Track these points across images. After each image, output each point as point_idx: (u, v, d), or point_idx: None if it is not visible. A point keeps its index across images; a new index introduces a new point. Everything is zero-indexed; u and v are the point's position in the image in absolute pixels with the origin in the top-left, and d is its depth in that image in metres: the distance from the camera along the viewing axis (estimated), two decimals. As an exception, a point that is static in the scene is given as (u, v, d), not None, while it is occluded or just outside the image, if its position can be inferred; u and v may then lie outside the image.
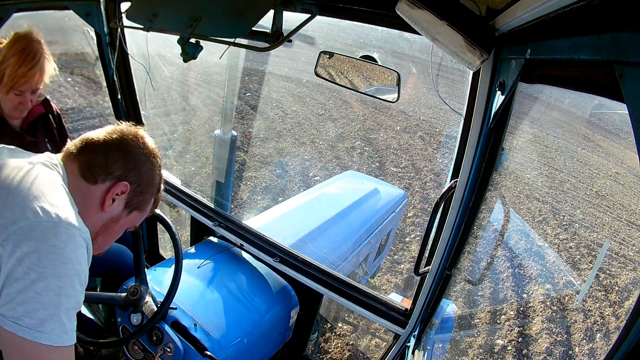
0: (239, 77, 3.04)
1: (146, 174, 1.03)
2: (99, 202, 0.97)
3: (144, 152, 1.03)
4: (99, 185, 0.96)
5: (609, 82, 0.57)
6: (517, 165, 7.07)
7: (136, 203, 1.04)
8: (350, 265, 3.05)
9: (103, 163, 0.96)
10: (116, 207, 1.00)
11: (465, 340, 3.68)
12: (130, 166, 1.00)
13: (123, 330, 1.77)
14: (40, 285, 0.76)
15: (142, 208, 1.07)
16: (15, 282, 0.76)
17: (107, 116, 6.24)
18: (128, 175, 0.99)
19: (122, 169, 0.98)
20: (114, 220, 1.02)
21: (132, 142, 1.01)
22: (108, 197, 0.97)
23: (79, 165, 0.96)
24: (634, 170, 7.37)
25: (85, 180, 0.96)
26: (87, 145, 0.98)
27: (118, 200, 0.99)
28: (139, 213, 1.07)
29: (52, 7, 1.99)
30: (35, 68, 1.55)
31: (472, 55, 1.06)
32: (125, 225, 1.07)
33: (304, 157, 7.35)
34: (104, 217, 0.99)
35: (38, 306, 0.76)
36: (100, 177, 0.96)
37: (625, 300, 4.26)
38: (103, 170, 0.96)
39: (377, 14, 1.35)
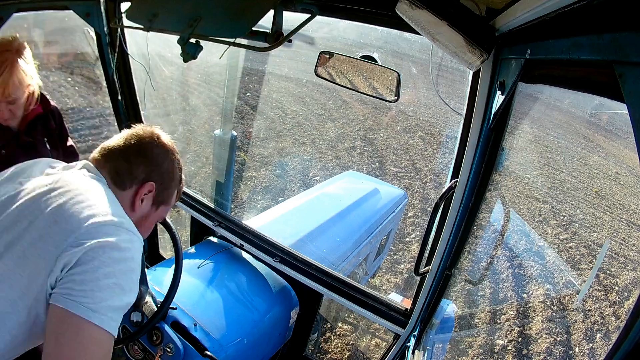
0: (238, 77, 3.04)
1: (167, 170, 1.11)
2: (129, 205, 1.05)
3: (163, 151, 1.10)
4: (128, 190, 1.05)
5: (609, 82, 0.57)
6: (517, 165, 7.07)
7: (162, 198, 1.12)
8: (350, 265, 3.05)
9: (127, 169, 1.04)
10: (145, 205, 1.09)
11: (465, 340, 3.67)
12: (153, 167, 1.07)
13: (123, 330, 1.77)
14: (101, 271, 0.82)
15: (168, 201, 1.15)
16: (78, 266, 0.82)
17: (107, 116, 6.24)
18: (152, 175, 1.07)
19: (145, 172, 1.06)
20: (144, 218, 1.11)
21: (150, 143, 1.08)
22: (137, 199, 1.06)
23: (108, 172, 1.04)
24: (634, 170, 7.37)
25: (116, 187, 1.04)
26: (110, 153, 1.06)
27: (146, 199, 1.08)
28: (166, 206, 1.16)
29: (52, 7, 1.99)
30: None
31: (472, 55, 1.06)
32: (155, 220, 1.15)
33: (304, 157, 7.35)
34: (135, 216, 1.07)
35: (95, 288, 0.81)
36: (128, 183, 1.05)
37: (625, 300, 4.26)
38: (129, 176, 1.04)
39: (377, 14, 1.35)
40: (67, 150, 1.92)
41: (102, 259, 0.83)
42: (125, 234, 0.89)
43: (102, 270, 0.82)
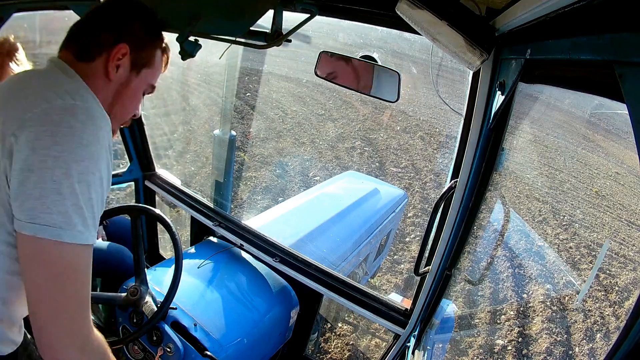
0: (237, 77, 3.04)
1: (138, 27, 0.97)
2: (103, 75, 0.93)
3: (131, 8, 0.98)
4: (98, 60, 0.92)
5: (609, 82, 0.57)
6: (517, 165, 7.07)
7: (142, 60, 0.99)
8: (350, 265, 3.05)
9: (92, 38, 0.93)
10: (122, 72, 0.96)
11: (465, 340, 3.68)
12: (121, 27, 0.95)
13: (123, 330, 1.77)
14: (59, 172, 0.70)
15: (151, 63, 1.02)
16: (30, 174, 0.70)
17: (107, 116, 6.23)
18: (121, 36, 0.94)
19: (114, 34, 0.93)
20: (124, 86, 0.97)
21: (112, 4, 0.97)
22: (110, 66, 0.93)
23: (73, 51, 0.93)
24: (634, 170, 7.37)
25: (84, 61, 0.92)
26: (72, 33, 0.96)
27: (122, 65, 0.95)
28: (150, 69, 1.02)
29: (52, 7, 1.99)
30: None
31: (472, 55, 1.06)
32: (140, 87, 1.01)
33: (304, 157, 7.35)
34: (113, 85, 0.95)
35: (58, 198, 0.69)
36: (96, 52, 0.92)
37: (625, 300, 4.26)
38: (96, 44, 0.92)
39: (377, 14, 1.35)
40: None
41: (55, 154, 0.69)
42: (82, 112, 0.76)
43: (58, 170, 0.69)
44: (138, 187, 2.65)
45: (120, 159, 5.55)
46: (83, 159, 0.72)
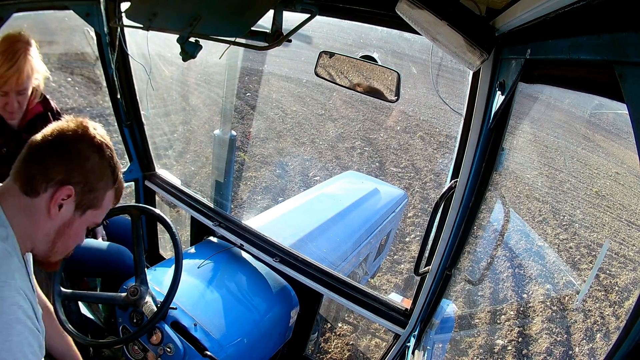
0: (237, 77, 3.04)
1: (92, 170, 0.94)
2: (45, 212, 0.91)
3: (87, 146, 0.93)
4: (42, 195, 0.90)
5: (609, 82, 0.57)
6: (517, 165, 7.07)
7: (87, 202, 0.96)
8: (350, 265, 3.05)
9: (42, 171, 0.89)
10: (65, 212, 0.93)
11: (465, 340, 3.67)
12: (72, 166, 0.91)
13: (123, 330, 1.77)
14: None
15: (97, 205, 0.98)
16: None
17: (107, 116, 6.23)
18: (71, 177, 0.91)
19: (62, 172, 0.90)
20: (67, 225, 0.95)
21: (72, 137, 0.92)
22: (52, 205, 0.90)
23: (19, 182, 0.90)
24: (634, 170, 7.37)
25: (28, 196, 0.89)
26: (24, 157, 0.92)
27: (66, 205, 0.93)
28: (95, 211, 0.99)
29: (52, 7, 1.99)
30: (12, 69, 1.54)
31: (472, 55, 1.06)
32: (83, 226, 1.00)
33: (304, 157, 7.35)
34: (55, 224, 0.94)
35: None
36: (42, 187, 0.89)
37: (625, 300, 4.26)
38: (42, 179, 0.89)
39: (377, 14, 1.35)
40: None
41: None
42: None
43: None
44: (138, 187, 2.65)
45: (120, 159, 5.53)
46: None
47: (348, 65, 1.63)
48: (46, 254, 0.97)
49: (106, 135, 0.98)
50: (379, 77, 1.55)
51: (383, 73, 1.53)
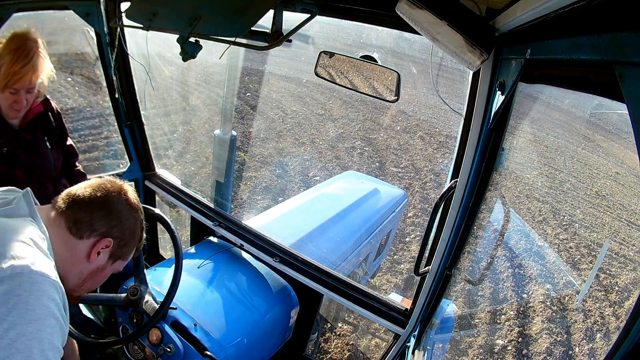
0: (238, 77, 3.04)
1: (129, 229, 1.11)
2: (85, 255, 1.05)
3: (127, 209, 1.10)
4: (85, 240, 1.04)
5: (609, 82, 0.57)
6: (517, 165, 7.07)
7: (119, 254, 1.12)
8: (350, 265, 3.05)
9: (88, 221, 1.03)
10: (101, 259, 1.08)
11: (465, 340, 3.68)
12: (114, 223, 1.07)
13: (123, 330, 1.77)
14: (12, 333, 0.82)
15: (125, 257, 1.16)
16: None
17: (107, 116, 6.24)
18: (112, 231, 1.06)
19: (106, 226, 1.05)
20: (99, 270, 1.10)
21: (116, 199, 1.08)
22: (93, 251, 1.05)
23: (65, 219, 1.03)
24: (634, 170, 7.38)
25: (72, 235, 1.03)
26: (73, 202, 1.05)
27: (103, 253, 1.07)
28: (122, 261, 1.16)
29: (52, 7, 1.99)
30: (27, 66, 1.55)
31: (472, 55, 1.06)
32: (110, 272, 1.15)
33: (304, 157, 7.35)
34: (90, 267, 1.07)
35: (14, 351, 0.81)
36: (86, 234, 1.03)
37: (625, 300, 4.26)
38: (88, 227, 1.03)
39: (377, 14, 1.35)
40: (67, 149, 1.92)
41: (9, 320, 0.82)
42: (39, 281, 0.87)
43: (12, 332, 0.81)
44: (138, 187, 2.65)
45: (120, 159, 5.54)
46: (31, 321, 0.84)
47: (348, 65, 1.63)
48: (74, 288, 1.08)
49: (138, 200, 1.16)
50: (379, 77, 1.55)
51: (383, 73, 1.53)
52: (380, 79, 1.55)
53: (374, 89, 1.57)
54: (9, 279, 0.85)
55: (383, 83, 1.55)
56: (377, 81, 1.56)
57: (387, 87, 1.55)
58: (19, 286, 0.85)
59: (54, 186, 1.84)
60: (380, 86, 1.56)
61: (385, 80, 1.54)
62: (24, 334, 0.82)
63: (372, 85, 1.59)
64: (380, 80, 1.55)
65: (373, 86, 1.59)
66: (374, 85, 1.58)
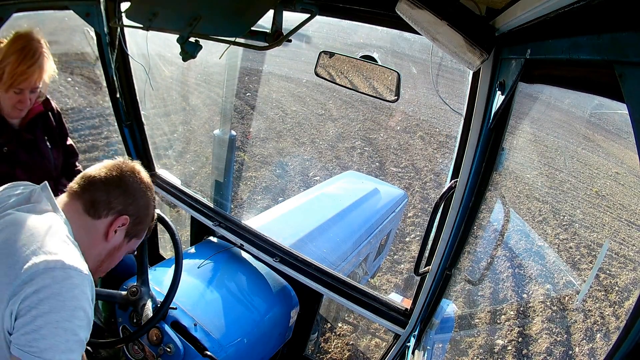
0: (237, 77, 3.04)
1: (144, 206, 1.15)
2: (103, 234, 1.08)
3: (141, 187, 1.14)
4: (103, 219, 1.07)
5: (609, 82, 0.57)
6: (517, 165, 7.07)
7: (135, 232, 1.16)
8: (350, 265, 3.05)
9: (105, 199, 1.07)
10: (118, 237, 1.12)
11: (465, 340, 3.68)
12: (130, 200, 1.10)
13: (123, 330, 1.77)
14: (41, 320, 0.85)
15: (139, 235, 1.20)
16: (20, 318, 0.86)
17: (107, 116, 6.24)
18: (128, 209, 1.10)
19: (122, 204, 1.09)
20: (116, 249, 1.14)
21: (130, 177, 1.12)
22: (111, 229, 1.08)
23: (83, 203, 1.06)
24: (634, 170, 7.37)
25: (90, 216, 1.06)
26: (89, 183, 1.08)
27: (119, 231, 1.11)
28: (137, 240, 1.20)
29: (52, 7, 1.99)
30: (34, 66, 1.55)
31: (472, 55, 1.06)
32: (125, 251, 1.18)
33: (304, 157, 7.35)
34: (107, 246, 1.11)
35: (38, 337, 0.85)
36: (103, 213, 1.07)
37: (625, 300, 4.26)
38: (105, 206, 1.07)
39: (377, 14, 1.35)
40: (67, 149, 1.92)
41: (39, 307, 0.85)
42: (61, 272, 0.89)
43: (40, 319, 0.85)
44: (138, 187, 2.64)
45: (120, 159, 5.52)
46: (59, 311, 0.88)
47: (348, 65, 1.63)
48: (93, 270, 1.08)
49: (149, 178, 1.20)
50: (379, 77, 1.55)
51: (383, 73, 1.53)
52: (380, 79, 1.55)
53: (374, 89, 1.57)
54: (43, 273, 0.87)
55: (383, 83, 1.55)
56: (377, 81, 1.56)
57: (387, 87, 1.55)
58: (52, 280, 0.87)
59: (54, 186, 1.84)
60: (380, 86, 1.56)
61: (385, 80, 1.54)
62: (51, 321, 0.85)
63: (372, 85, 1.59)
64: (380, 80, 1.55)
65: (373, 86, 1.59)
66: (374, 85, 1.58)
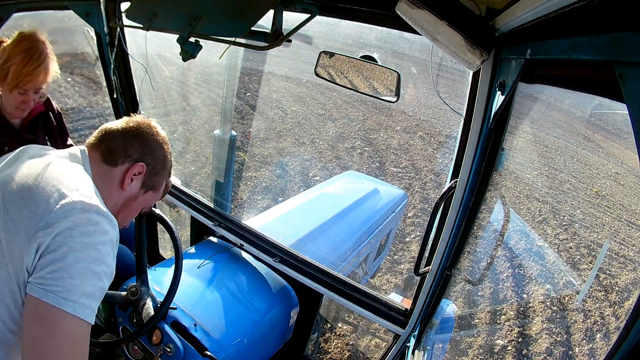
0: (237, 77, 3.04)
1: (160, 157, 1.16)
2: (119, 182, 1.08)
3: (157, 139, 1.16)
4: (119, 167, 1.08)
5: (609, 82, 0.57)
6: (517, 165, 7.07)
7: (151, 184, 1.16)
8: (350, 265, 3.05)
9: (122, 147, 1.08)
10: (134, 186, 1.12)
11: (465, 340, 3.68)
12: (146, 150, 1.12)
13: (123, 330, 1.77)
14: (71, 257, 0.83)
15: (156, 189, 1.19)
16: (47, 254, 0.84)
17: (107, 116, 6.23)
18: (144, 157, 1.11)
19: (139, 152, 1.10)
20: (132, 199, 1.13)
21: (147, 129, 1.14)
22: (127, 176, 1.09)
23: (101, 152, 1.07)
24: (634, 170, 7.38)
25: (107, 164, 1.07)
26: (106, 134, 1.10)
27: (136, 180, 1.11)
28: (154, 193, 1.19)
29: (52, 7, 1.99)
30: (40, 68, 1.56)
31: (472, 55, 1.06)
32: (141, 204, 1.18)
33: (304, 157, 7.35)
34: (124, 195, 1.11)
35: (66, 275, 0.82)
36: (120, 160, 1.08)
37: (625, 300, 4.26)
38: (122, 153, 1.08)
39: (377, 14, 1.35)
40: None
41: (71, 244, 0.84)
42: (96, 216, 0.89)
43: (72, 255, 0.83)
44: (138, 187, 2.64)
45: (120, 159, 5.51)
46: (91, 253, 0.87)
47: (348, 65, 1.63)
48: None
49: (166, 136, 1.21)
50: (379, 77, 1.55)
51: (383, 73, 1.53)
52: (380, 79, 1.55)
53: (374, 89, 1.57)
54: (80, 213, 0.87)
55: (383, 83, 1.55)
56: (377, 81, 1.56)
57: (387, 87, 1.55)
58: (88, 221, 0.88)
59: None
60: (380, 86, 1.56)
61: (385, 80, 1.54)
62: (82, 261, 0.84)
63: (372, 85, 1.59)
64: (380, 80, 1.55)
65: (373, 86, 1.59)
66: (374, 85, 1.58)
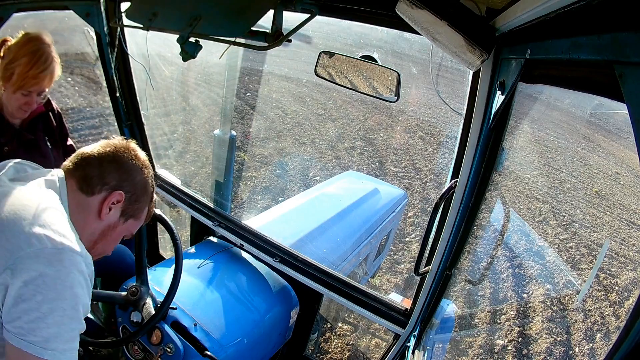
0: (237, 77, 3.04)
1: (139, 183, 1.09)
2: (96, 211, 1.03)
3: (136, 164, 1.09)
4: (96, 195, 1.03)
5: (609, 82, 0.57)
6: (517, 165, 7.07)
7: (131, 211, 1.10)
8: (350, 265, 3.05)
9: (98, 174, 1.02)
10: (113, 215, 1.06)
11: (465, 340, 3.68)
12: (124, 176, 1.06)
13: (123, 330, 1.77)
14: (46, 307, 0.81)
15: (137, 216, 1.13)
16: (22, 303, 0.81)
17: (107, 116, 6.24)
18: (122, 185, 1.05)
19: (116, 179, 1.04)
20: (111, 228, 1.08)
21: (125, 154, 1.07)
22: (105, 205, 1.03)
23: (76, 179, 1.02)
24: (634, 170, 7.38)
25: (83, 193, 1.02)
26: (82, 160, 1.05)
27: (114, 208, 1.05)
28: (135, 221, 1.13)
29: (52, 7, 1.99)
30: (46, 72, 1.56)
31: (472, 55, 1.06)
32: (122, 233, 1.12)
33: (304, 157, 7.35)
34: (101, 225, 1.05)
35: (43, 325, 0.81)
36: (97, 188, 1.02)
37: (625, 300, 4.26)
38: (99, 181, 1.02)
39: (377, 14, 1.35)
40: (67, 149, 1.92)
41: (44, 293, 0.82)
42: (69, 255, 0.86)
43: (46, 306, 0.82)
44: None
45: (120, 159, 5.51)
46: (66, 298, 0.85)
47: (348, 65, 1.63)
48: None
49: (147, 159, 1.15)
50: (379, 77, 1.55)
51: (383, 73, 1.54)
52: (380, 79, 1.55)
53: (374, 89, 1.57)
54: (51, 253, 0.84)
55: (383, 83, 1.55)
56: (377, 81, 1.56)
57: (387, 87, 1.55)
58: (59, 262, 0.84)
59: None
60: (380, 86, 1.56)
61: (385, 80, 1.54)
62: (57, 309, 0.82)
63: (372, 85, 1.59)
64: (380, 80, 1.55)
65: (373, 86, 1.59)
66: (374, 85, 1.58)
